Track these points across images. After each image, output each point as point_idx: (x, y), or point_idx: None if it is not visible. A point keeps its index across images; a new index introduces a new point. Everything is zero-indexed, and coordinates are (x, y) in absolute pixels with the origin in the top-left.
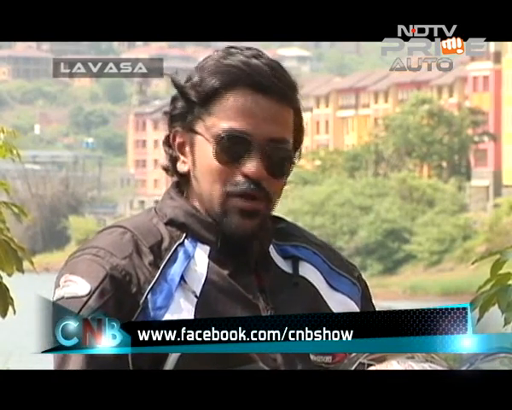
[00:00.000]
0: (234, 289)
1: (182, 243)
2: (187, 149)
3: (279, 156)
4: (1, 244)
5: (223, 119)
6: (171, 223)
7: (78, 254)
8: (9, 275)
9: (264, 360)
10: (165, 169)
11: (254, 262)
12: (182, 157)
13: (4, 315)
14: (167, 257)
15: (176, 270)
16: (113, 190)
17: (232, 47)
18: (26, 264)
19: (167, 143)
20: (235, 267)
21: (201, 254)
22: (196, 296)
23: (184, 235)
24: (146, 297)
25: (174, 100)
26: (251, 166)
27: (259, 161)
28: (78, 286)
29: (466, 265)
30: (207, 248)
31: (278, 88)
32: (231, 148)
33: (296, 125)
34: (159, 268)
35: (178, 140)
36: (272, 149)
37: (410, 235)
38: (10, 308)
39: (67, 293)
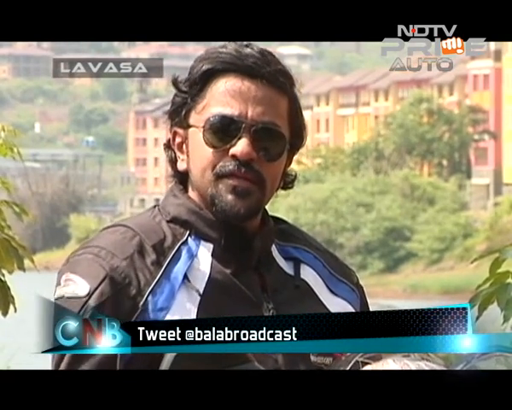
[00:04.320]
0: (237, 287)
1: (185, 242)
2: (184, 146)
3: (268, 138)
4: (1, 242)
5: (212, 104)
6: (174, 221)
7: (80, 252)
8: (10, 273)
9: (265, 360)
10: (171, 176)
11: (257, 261)
12: (181, 156)
13: (5, 314)
14: (170, 256)
15: (179, 268)
16: (113, 189)
17: (228, 42)
18: (26, 262)
19: (168, 145)
20: (237, 266)
21: (205, 253)
22: (200, 294)
23: (188, 233)
24: (146, 299)
25: (172, 98)
26: (239, 146)
27: (248, 143)
28: (78, 286)
29: (466, 263)
30: (211, 246)
31: (269, 74)
32: (220, 130)
33: (291, 113)
34: (161, 267)
35: (177, 140)
36: (261, 131)
37: (410, 233)
38: (11, 306)
39: (67, 292)
